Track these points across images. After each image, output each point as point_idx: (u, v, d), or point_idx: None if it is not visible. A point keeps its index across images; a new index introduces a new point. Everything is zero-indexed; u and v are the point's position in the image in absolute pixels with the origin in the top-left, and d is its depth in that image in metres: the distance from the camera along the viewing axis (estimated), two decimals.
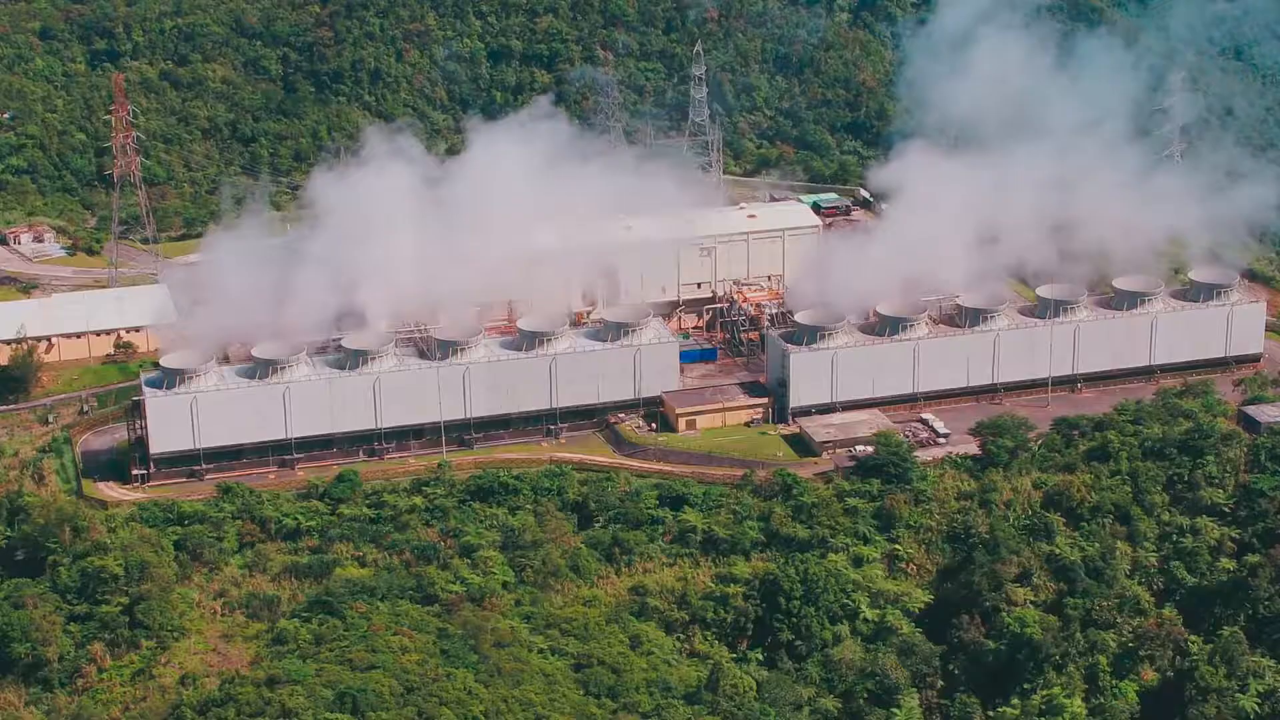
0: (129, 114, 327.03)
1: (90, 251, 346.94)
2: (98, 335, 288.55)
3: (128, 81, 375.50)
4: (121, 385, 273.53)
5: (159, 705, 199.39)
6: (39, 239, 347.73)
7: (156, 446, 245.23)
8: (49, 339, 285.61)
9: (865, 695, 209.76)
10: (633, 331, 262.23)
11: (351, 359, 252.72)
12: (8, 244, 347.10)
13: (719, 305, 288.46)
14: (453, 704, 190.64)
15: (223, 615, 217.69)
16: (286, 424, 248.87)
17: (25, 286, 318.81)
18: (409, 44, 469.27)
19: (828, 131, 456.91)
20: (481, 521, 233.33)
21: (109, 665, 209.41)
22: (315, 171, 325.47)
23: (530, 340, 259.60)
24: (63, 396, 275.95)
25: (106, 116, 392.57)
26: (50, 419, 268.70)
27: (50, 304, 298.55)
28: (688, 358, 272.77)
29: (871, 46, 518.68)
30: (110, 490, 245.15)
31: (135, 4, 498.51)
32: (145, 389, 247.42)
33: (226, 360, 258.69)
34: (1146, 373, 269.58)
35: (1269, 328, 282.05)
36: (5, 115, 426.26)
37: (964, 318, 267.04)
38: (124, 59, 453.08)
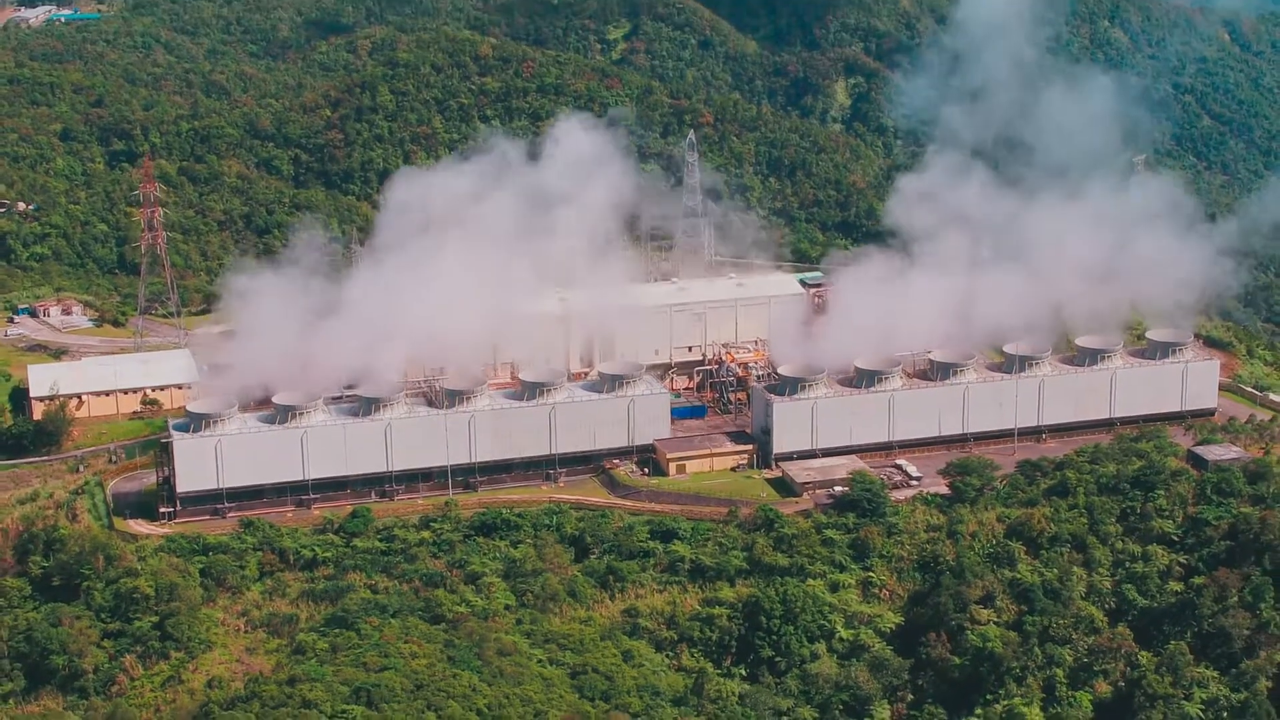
0: (156, 189, 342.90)
1: (116, 323, 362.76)
2: (125, 393, 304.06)
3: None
4: (147, 438, 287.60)
5: (189, 705, 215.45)
6: (67, 311, 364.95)
7: (183, 485, 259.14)
8: (79, 396, 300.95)
9: (840, 706, 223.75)
10: (627, 383, 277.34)
11: (364, 406, 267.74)
12: (37, 316, 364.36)
13: (708, 367, 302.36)
14: (459, 699, 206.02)
15: (245, 631, 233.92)
16: (304, 466, 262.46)
17: (55, 353, 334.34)
18: (416, 146, 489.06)
19: (819, 229, 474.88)
20: (485, 553, 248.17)
21: (140, 674, 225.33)
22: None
23: (531, 390, 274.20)
24: (92, 449, 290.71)
25: (127, 209, 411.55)
26: (80, 468, 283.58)
27: (80, 365, 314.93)
28: (678, 414, 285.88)
29: (861, 150, 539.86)
30: (139, 526, 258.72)
31: (152, 108, 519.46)
32: (173, 432, 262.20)
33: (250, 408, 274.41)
34: (1107, 425, 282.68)
35: (1224, 387, 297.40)
36: (30, 206, 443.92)
37: (936, 372, 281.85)
38: (142, 159, 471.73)
